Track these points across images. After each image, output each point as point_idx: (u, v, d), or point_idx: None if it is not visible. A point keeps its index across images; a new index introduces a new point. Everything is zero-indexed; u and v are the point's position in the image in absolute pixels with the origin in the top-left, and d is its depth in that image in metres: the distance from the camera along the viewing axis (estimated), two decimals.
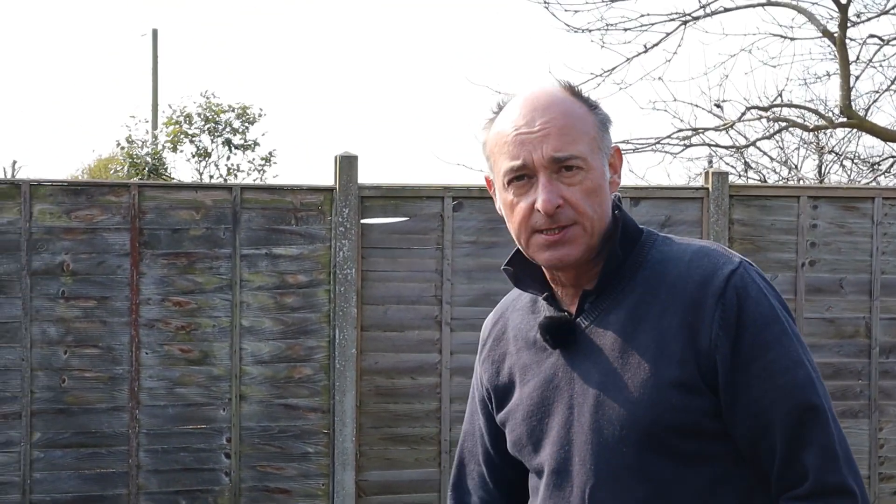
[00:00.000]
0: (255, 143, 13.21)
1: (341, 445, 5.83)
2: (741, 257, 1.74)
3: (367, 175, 5.98)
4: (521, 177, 1.74)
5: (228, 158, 13.09)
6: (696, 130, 9.99)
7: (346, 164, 5.86)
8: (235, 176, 13.05)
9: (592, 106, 1.80)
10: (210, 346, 5.73)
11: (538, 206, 1.72)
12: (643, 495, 1.70)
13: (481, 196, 6.08)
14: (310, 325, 5.84)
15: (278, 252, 5.81)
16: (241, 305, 5.75)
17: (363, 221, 5.93)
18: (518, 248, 1.84)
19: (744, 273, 1.70)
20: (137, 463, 5.67)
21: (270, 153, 13.38)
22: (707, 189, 6.35)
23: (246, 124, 13.10)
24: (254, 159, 13.29)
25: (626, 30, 8.63)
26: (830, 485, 1.65)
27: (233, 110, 13.06)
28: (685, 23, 8.71)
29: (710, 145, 10.55)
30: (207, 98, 13.03)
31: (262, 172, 13.25)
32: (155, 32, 21.45)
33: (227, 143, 12.98)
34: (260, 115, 13.19)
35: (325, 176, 6.09)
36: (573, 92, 1.80)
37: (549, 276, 1.85)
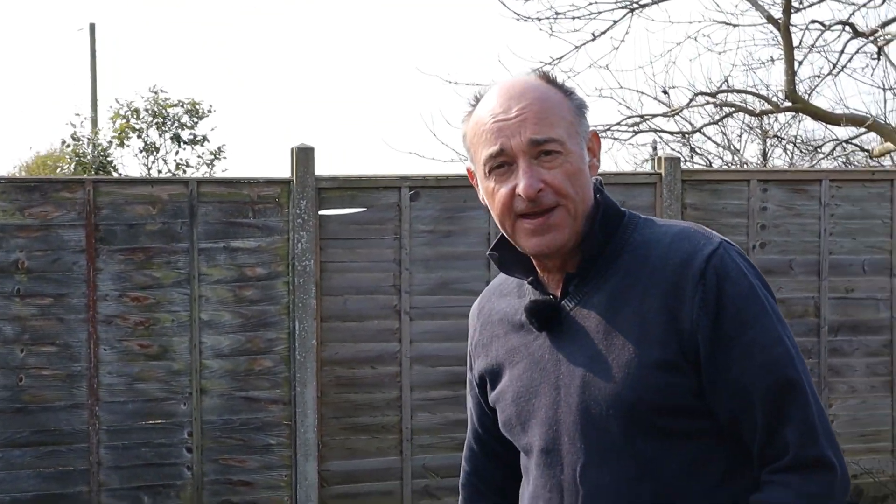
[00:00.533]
0: (205, 138, 13.16)
1: (303, 436, 5.85)
2: (721, 238, 1.78)
3: (323, 167, 6.00)
4: (502, 164, 1.77)
5: (177, 153, 13.02)
6: (643, 117, 10.09)
7: (303, 156, 5.86)
8: (184, 171, 12.96)
9: (568, 92, 1.83)
10: (169, 341, 5.71)
11: (519, 190, 1.74)
12: (630, 471, 1.74)
13: (438, 185, 6.12)
14: (269, 318, 5.84)
15: (236, 245, 5.80)
16: (199, 299, 5.73)
17: (321, 213, 5.94)
18: (503, 234, 1.87)
19: (723, 254, 1.74)
20: (98, 460, 5.64)
21: (220, 148, 13.35)
22: (660, 174, 6.44)
23: (195, 119, 13.04)
24: (203, 154, 13.25)
25: (574, 18, 8.70)
26: (811, 458, 1.69)
27: (182, 105, 12.99)
28: (632, 10, 8.80)
29: (657, 131, 10.66)
30: (156, 93, 12.96)
31: (211, 167, 13.19)
32: (92, 27, 21.12)
33: (176, 137, 12.91)
34: (209, 111, 13.14)
35: (278, 170, 6.09)
36: (548, 79, 1.83)
37: (534, 261, 1.88)
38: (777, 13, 9.18)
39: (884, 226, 6.88)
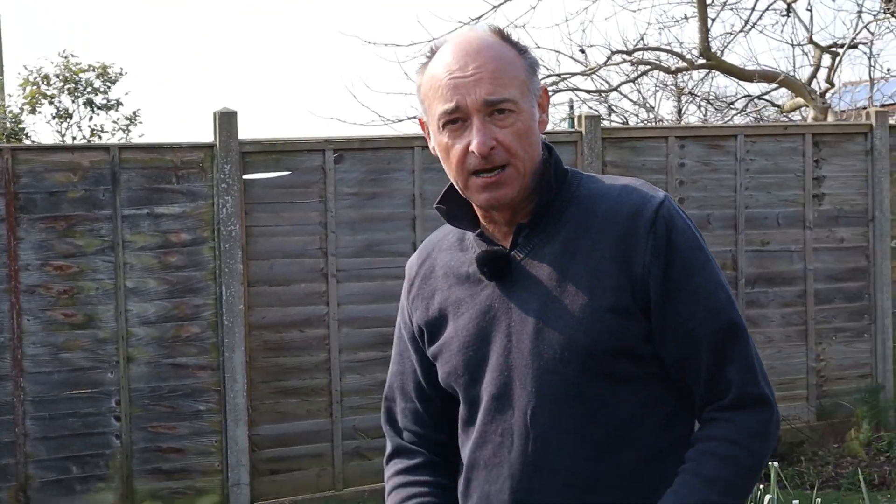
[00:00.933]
0: (119, 103, 12.92)
1: (233, 401, 5.85)
2: (664, 192, 1.87)
3: (246, 131, 5.96)
4: (456, 120, 1.81)
5: (91, 119, 12.77)
6: (561, 76, 10.19)
7: (226, 121, 5.82)
8: (99, 137, 12.72)
9: (521, 50, 1.87)
10: (94, 310, 5.65)
11: (473, 147, 1.79)
12: (581, 414, 1.81)
13: (362, 148, 6.13)
14: (195, 283, 5.81)
15: (160, 211, 5.75)
16: (124, 267, 5.68)
17: (245, 177, 5.91)
18: (449, 186, 1.92)
19: (669, 205, 1.83)
20: (24, 431, 5.57)
21: (135, 113, 13.13)
22: (580, 133, 6.53)
23: (107, 84, 12.79)
24: (118, 119, 13.02)
25: None
26: (752, 395, 1.81)
27: (93, 70, 12.73)
28: None
29: (574, 90, 10.76)
30: (66, 58, 12.68)
31: (127, 132, 12.97)
32: None
33: (89, 103, 12.65)
34: (121, 74, 12.90)
35: (197, 135, 6.03)
36: (503, 36, 1.87)
37: (481, 214, 1.92)
38: None
39: (797, 179, 7.07)
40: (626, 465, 1.81)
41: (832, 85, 10.59)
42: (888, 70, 12.04)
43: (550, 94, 10.23)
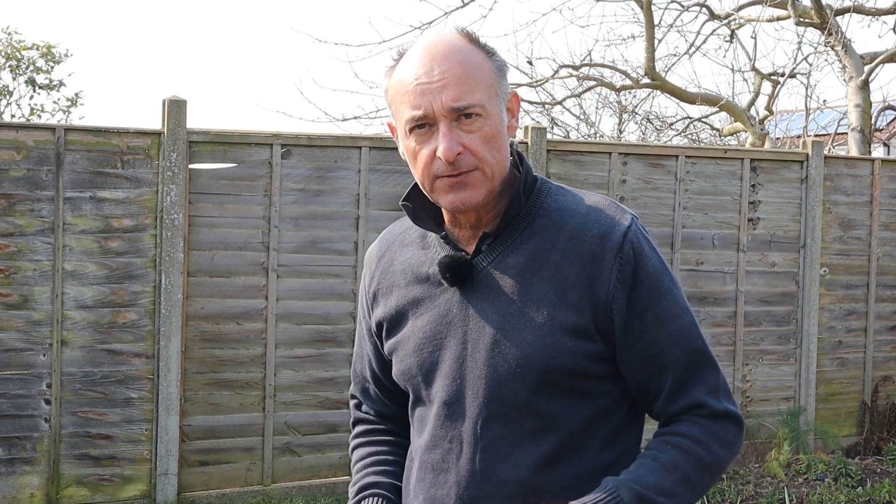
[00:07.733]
0: (61, 83, 12.75)
1: (166, 391, 5.82)
2: (632, 213, 1.88)
3: (192, 119, 5.93)
4: (423, 125, 1.81)
5: (31, 98, 12.58)
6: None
7: (175, 109, 5.79)
8: (39, 116, 12.55)
9: (490, 53, 1.86)
10: (31, 290, 5.59)
11: (439, 153, 1.79)
12: (531, 427, 1.82)
13: (309, 144, 6.14)
14: (135, 270, 5.78)
15: (103, 195, 5.70)
16: (63, 249, 5.63)
17: (191, 166, 5.89)
18: (415, 184, 1.92)
19: (637, 230, 1.85)
20: None
21: (77, 94, 12.96)
22: (526, 143, 6.60)
23: (51, 63, 12.62)
24: (59, 100, 12.84)
25: None
26: (720, 410, 1.83)
27: (37, 49, 12.55)
28: None
29: (520, 101, 10.85)
30: (9, 34, 12.48)
31: (68, 113, 12.80)
32: None
33: (31, 82, 12.47)
34: (66, 56, 12.73)
35: (141, 120, 5.98)
36: (471, 39, 1.85)
37: (447, 217, 1.93)
38: None
39: (733, 202, 7.22)
40: (572, 477, 1.83)
41: (771, 112, 10.82)
42: (824, 101, 12.32)
43: None
